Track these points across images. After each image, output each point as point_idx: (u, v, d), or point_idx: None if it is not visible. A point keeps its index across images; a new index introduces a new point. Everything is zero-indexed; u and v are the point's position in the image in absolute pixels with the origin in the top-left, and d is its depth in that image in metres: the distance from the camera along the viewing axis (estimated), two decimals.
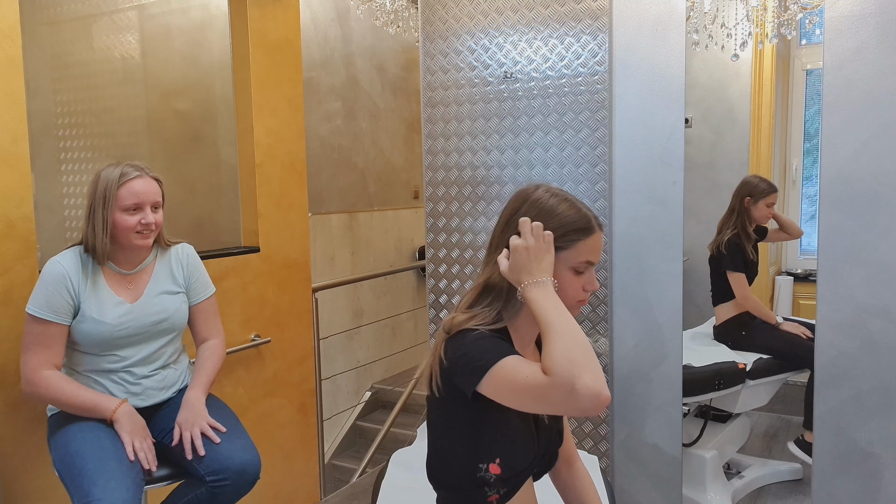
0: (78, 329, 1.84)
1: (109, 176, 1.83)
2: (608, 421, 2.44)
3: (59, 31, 2.84)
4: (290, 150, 2.94)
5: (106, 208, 1.81)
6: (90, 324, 1.83)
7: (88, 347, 1.86)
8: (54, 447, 1.82)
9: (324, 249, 4.68)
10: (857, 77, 2.00)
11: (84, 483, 1.66)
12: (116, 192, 1.81)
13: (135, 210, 1.83)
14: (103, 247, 1.83)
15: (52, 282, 1.80)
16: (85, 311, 1.83)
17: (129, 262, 1.92)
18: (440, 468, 1.26)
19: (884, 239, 2.00)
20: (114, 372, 1.89)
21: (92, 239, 1.83)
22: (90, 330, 1.83)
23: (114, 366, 1.89)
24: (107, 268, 1.89)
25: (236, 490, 1.83)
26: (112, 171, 1.83)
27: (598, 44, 2.34)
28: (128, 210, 1.82)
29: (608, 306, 2.39)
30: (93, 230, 1.82)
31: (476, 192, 2.61)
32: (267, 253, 2.84)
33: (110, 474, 1.68)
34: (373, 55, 5.11)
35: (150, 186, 1.86)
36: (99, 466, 1.69)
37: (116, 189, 1.81)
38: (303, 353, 3.02)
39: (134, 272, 1.93)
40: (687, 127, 2.28)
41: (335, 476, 4.46)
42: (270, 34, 2.84)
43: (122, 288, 1.90)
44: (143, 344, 1.92)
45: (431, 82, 2.68)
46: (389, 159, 5.33)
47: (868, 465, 2.06)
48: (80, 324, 1.83)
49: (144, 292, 1.92)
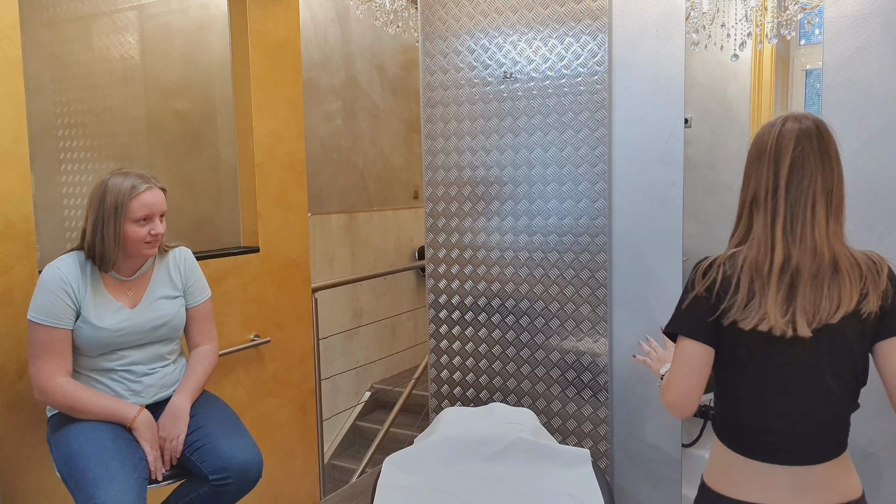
0: (78, 333, 1.84)
1: (120, 187, 1.81)
2: (608, 421, 2.44)
3: (59, 31, 2.84)
4: (289, 150, 2.94)
5: (118, 220, 1.81)
6: (89, 329, 1.83)
7: (88, 350, 1.86)
8: (55, 446, 1.82)
9: (323, 249, 4.68)
10: (856, 77, 2.00)
11: (87, 485, 1.66)
12: (129, 204, 1.81)
13: (144, 221, 1.83)
14: (114, 257, 1.84)
15: (52, 288, 1.80)
16: (85, 316, 1.83)
17: (130, 269, 1.92)
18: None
19: (883, 239, 2.00)
20: (114, 371, 1.90)
21: (101, 248, 1.82)
22: (89, 335, 1.84)
23: (113, 364, 1.89)
24: (107, 274, 1.89)
25: (239, 489, 1.85)
26: (121, 182, 1.82)
27: (597, 44, 2.34)
28: (138, 222, 1.82)
29: (608, 306, 2.39)
30: (102, 240, 1.82)
31: (476, 192, 2.61)
32: (267, 253, 2.84)
33: (113, 475, 1.68)
34: (372, 55, 5.12)
35: (158, 197, 1.87)
36: (101, 468, 1.69)
37: (129, 202, 1.81)
38: (302, 353, 3.03)
39: (133, 278, 1.93)
40: (686, 127, 2.28)
41: (335, 476, 4.46)
42: (270, 34, 2.84)
43: (122, 294, 1.90)
44: (142, 346, 1.93)
45: (431, 82, 2.68)
46: (389, 159, 5.33)
47: (867, 465, 2.07)
48: (80, 328, 1.83)
49: (143, 297, 1.93)
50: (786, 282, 1.20)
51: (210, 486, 1.83)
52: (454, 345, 2.73)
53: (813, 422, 1.25)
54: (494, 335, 2.63)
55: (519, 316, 2.57)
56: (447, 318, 2.73)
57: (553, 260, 2.48)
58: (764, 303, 1.20)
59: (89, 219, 1.84)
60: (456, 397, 2.75)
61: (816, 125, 1.22)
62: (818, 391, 1.24)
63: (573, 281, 2.45)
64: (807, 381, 1.23)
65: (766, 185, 1.23)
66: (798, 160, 1.20)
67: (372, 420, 4.95)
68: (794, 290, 1.20)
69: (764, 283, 1.21)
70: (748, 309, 1.21)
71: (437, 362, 2.78)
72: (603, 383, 2.43)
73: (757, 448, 1.25)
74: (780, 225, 1.21)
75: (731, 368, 1.28)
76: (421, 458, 2.03)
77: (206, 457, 1.85)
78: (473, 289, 2.66)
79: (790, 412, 1.24)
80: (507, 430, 2.06)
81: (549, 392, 2.54)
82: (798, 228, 1.20)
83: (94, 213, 1.83)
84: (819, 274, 1.19)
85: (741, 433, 1.27)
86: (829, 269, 1.19)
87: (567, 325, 2.48)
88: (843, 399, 1.26)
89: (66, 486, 1.76)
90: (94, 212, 1.83)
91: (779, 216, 1.21)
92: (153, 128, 3.07)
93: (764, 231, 1.23)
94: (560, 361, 2.50)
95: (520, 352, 2.58)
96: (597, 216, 2.38)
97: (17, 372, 2.03)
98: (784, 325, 1.19)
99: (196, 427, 1.92)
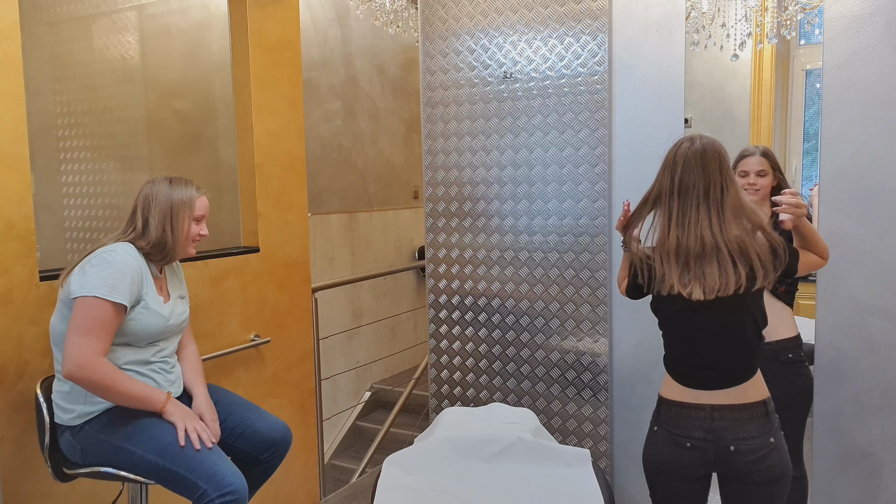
0: (137, 320, 1.87)
1: (184, 187, 1.98)
2: (608, 421, 2.44)
3: (58, 31, 2.84)
4: (289, 150, 2.94)
5: (185, 215, 1.96)
6: (150, 315, 1.89)
7: (140, 339, 1.90)
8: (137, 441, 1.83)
9: (323, 249, 4.68)
10: (856, 77, 2.00)
11: (203, 467, 1.78)
12: (195, 202, 1.98)
13: (197, 222, 2.00)
14: (178, 251, 1.97)
15: (127, 270, 1.84)
16: (147, 302, 1.89)
17: (159, 268, 2.01)
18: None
19: (883, 239, 2.00)
20: (154, 363, 1.96)
21: (170, 242, 1.94)
22: (149, 321, 1.89)
23: (155, 356, 1.96)
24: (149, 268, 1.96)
25: (282, 456, 2.08)
26: (182, 184, 1.99)
27: (597, 44, 2.34)
28: (195, 220, 1.99)
29: (608, 306, 2.39)
30: (171, 233, 1.94)
31: (476, 191, 2.62)
32: (267, 253, 2.84)
33: (219, 456, 1.84)
34: (372, 55, 5.12)
35: (207, 202, 2.06)
36: (207, 451, 1.82)
37: (195, 200, 1.98)
38: (302, 353, 3.03)
39: (160, 276, 2.02)
40: (686, 127, 2.28)
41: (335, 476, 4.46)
42: (270, 34, 2.84)
43: (158, 289, 1.98)
44: (171, 339, 2.03)
45: (431, 82, 2.68)
46: (389, 159, 5.33)
47: (867, 465, 2.07)
48: (142, 315, 1.88)
49: (171, 295, 2.02)
50: (682, 260, 1.62)
51: (261, 465, 2.03)
52: (454, 345, 2.73)
53: (721, 360, 1.66)
54: (494, 335, 2.63)
55: (519, 316, 2.57)
56: (447, 318, 2.73)
57: (553, 260, 2.48)
58: (669, 276, 1.63)
59: (154, 212, 1.93)
60: (456, 397, 2.75)
61: (704, 147, 1.63)
62: (733, 338, 1.65)
63: (573, 281, 2.45)
64: (722, 333, 1.65)
65: (666, 189, 1.66)
66: (685, 172, 1.62)
67: (372, 420, 4.95)
68: (688, 266, 1.61)
69: (668, 261, 1.63)
70: (663, 281, 1.65)
71: (437, 362, 2.78)
72: (603, 383, 2.43)
73: (684, 378, 1.70)
74: (674, 219, 1.63)
75: (663, 325, 1.75)
76: (421, 459, 2.03)
77: (250, 440, 2.02)
78: (473, 289, 2.66)
79: (703, 354, 1.67)
80: (507, 430, 2.06)
81: (549, 392, 2.54)
82: (686, 221, 1.61)
83: (163, 207, 1.93)
84: (703, 255, 1.59)
85: (676, 368, 1.72)
86: (711, 252, 1.59)
87: (567, 325, 2.48)
88: (745, 345, 1.65)
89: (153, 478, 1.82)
90: (161, 206, 1.94)
91: (673, 213, 1.64)
92: (153, 128, 3.07)
93: (663, 223, 1.66)
94: (560, 361, 2.50)
95: (520, 352, 2.58)
96: (597, 216, 2.38)
97: (17, 372, 2.03)
98: (684, 291, 1.61)
99: (226, 415, 2.03)
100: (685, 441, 1.67)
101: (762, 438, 1.62)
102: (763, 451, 1.62)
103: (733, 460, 1.63)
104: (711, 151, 1.63)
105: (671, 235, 1.63)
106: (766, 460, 1.62)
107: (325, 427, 3.60)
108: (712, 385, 1.66)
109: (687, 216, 1.61)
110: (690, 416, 1.67)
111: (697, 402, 1.67)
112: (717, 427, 1.64)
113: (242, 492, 1.79)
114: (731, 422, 1.63)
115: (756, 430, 1.63)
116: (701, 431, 1.65)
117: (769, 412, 1.65)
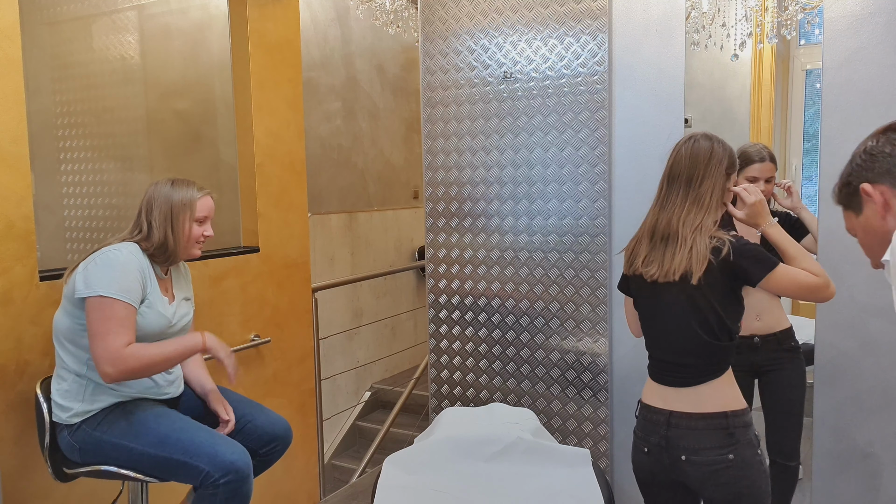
0: (141, 318, 1.88)
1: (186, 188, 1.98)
2: (608, 421, 2.44)
3: (59, 31, 2.84)
4: (289, 150, 2.94)
5: (186, 217, 1.95)
6: (154, 315, 1.90)
7: (144, 338, 1.91)
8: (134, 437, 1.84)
9: (323, 249, 4.68)
10: (856, 77, 2.00)
11: (204, 449, 1.80)
12: (196, 203, 1.97)
13: (200, 223, 1.99)
14: (180, 252, 1.97)
15: (132, 269, 1.85)
16: (151, 301, 1.90)
17: (165, 269, 2.02)
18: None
19: None
20: None
21: (171, 243, 1.94)
22: (152, 321, 1.89)
23: None
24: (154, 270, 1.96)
25: (281, 452, 2.11)
26: (184, 185, 1.99)
27: (597, 44, 2.34)
28: (198, 221, 1.98)
29: (608, 306, 2.39)
30: (173, 234, 1.94)
31: (476, 191, 2.62)
32: (267, 253, 2.84)
33: (218, 436, 1.86)
34: (372, 55, 5.12)
35: (212, 203, 2.06)
36: (205, 433, 1.85)
37: (196, 201, 1.97)
38: (302, 353, 3.03)
39: (165, 277, 2.02)
40: (686, 127, 2.28)
41: (335, 476, 4.46)
42: (270, 34, 2.84)
43: (163, 290, 1.99)
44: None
45: (431, 82, 2.68)
46: (389, 159, 5.33)
47: (867, 465, 2.07)
48: (146, 314, 1.88)
49: (175, 296, 2.03)
50: (654, 241, 1.69)
51: (259, 458, 2.04)
52: (454, 345, 2.73)
53: (676, 353, 1.67)
54: (494, 335, 2.63)
55: (519, 316, 2.57)
56: (447, 318, 2.73)
57: (553, 260, 2.48)
58: (637, 253, 1.72)
59: (155, 214, 1.94)
60: (456, 397, 2.75)
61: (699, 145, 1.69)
62: (686, 332, 1.64)
63: (573, 281, 2.45)
64: (676, 324, 1.66)
65: (664, 179, 1.73)
66: (677, 165, 1.69)
67: (372, 420, 4.95)
68: (655, 247, 1.68)
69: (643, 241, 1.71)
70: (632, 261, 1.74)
71: (437, 362, 2.78)
72: (603, 383, 2.43)
73: (652, 370, 1.74)
74: (659, 202, 1.71)
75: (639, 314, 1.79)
76: (421, 458, 2.04)
77: (251, 435, 2.04)
78: (473, 289, 2.66)
79: (661, 344, 1.71)
80: (507, 430, 2.07)
81: (549, 392, 2.54)
82: (667, 205, 1.69)
83: (164, 209, 1.94)
84: (665, 239, 1.66)
85: (651, 362, 1.75)
86: (672, 238, 1.65)
87: (567, 325, 2.48)
88: (706, 338, 1.63)
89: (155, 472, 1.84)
90: (162, 207, 1.94)
91: (660, 196, 1.71)
92: (153, 128, 3.07)
93: (651, 205, 1.74)
94: (560, 361, 2.50)
95: (520, 352, 2.58)
96: (597, 216, 2.38)
97: (18, 372, 2.03)
98: (643, 270, 1.68)
99: None
100: (644, 446, 1.70)
101: (717, 452, 1.58)
102: (717, 467, 1.58)
103: (685, 470, 1.62)
104: (704, 151, 1.68)
105: (650, 216, 1.72)
106: (719, 476, 1.58)
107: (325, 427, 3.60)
108: (668, 380, 1.67)
109: (669, 200, 1.68)
110: (651, 420, 1.69)
111: (659, 407, 1.67)
112: (672, 434, 1.64)
113: (245, 468, 1.81)
114: (685, 430, 1.62)
115: (711, 442, 1.59)
116: (657, 437, 1.66)
117: (730, 426, 1.60)
